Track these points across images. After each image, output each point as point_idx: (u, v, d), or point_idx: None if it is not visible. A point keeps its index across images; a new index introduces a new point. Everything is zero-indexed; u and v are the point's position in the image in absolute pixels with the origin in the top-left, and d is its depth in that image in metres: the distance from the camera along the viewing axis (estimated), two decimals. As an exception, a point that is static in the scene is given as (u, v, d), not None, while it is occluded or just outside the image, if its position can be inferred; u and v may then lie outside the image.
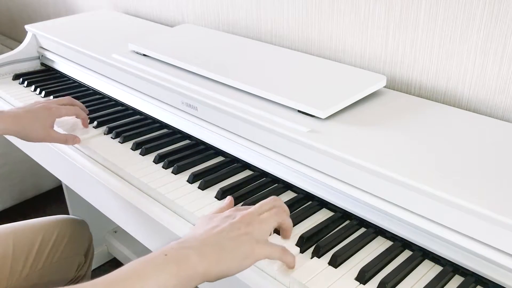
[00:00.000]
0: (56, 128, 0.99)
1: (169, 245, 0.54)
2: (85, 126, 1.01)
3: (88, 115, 1.03)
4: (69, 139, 0.95)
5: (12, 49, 1.40)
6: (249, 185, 0.81)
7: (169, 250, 0.53)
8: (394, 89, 0.93)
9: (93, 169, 0.90)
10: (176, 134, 0.97)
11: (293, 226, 0.71)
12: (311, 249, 0.66)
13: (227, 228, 0.57)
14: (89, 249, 1.13)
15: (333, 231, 0.70)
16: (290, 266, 0.62)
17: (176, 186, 0.81)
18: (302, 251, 0.67)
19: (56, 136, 0.93)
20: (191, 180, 0.82)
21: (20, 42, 1.39)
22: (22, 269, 0.96)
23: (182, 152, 0.90)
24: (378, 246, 0.68)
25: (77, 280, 1.10)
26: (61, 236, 1.03)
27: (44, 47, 1.33)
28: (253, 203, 0.74)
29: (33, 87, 1.22)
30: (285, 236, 0.67)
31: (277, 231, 0.68)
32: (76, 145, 0.97)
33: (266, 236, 0.59)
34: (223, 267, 0.54)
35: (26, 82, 1.25)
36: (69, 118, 1.01)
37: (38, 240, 1.00)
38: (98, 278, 0.50)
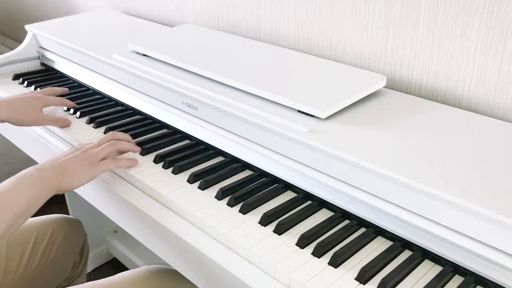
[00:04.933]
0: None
1: (29, 169, 0.75)
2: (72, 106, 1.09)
3: (77, 108, 1.09)
4: (60, 120, 1.02)
5: (12, 49, 1.40)
6: (249, 185, 0.81)
7: (32, 172, 0.75)
8: (394, 89, 0.93)
9: (93, 169, 0.90)
10: (176, 134, 0.97)
11: (293, 226, 0.71)
12: (311, 249, 0.66)
13: (70, 157, 0.80)
14: (84, 247, 1.13)
15: (333, 231, 0.70)
16: (130, 166, 0.86)
17: (176, 186, 0.81)
18: (301, 251, 0.66)
19: (46, 118, 1.01)
20: (191, 180, 0.82)
21: (20, 42, 1.39)
22: (17, 268, 0.96)
23: (182, 152, 0.90)
24: (378, 246, 0.68)
25: (73, 279, 1.10)
26: (55, 235, 1.03)
27: (44, 47, 1.33)
28: (254, 202, 0.75)
29: (33, 87, 1.22)
30: (133, 151, 0.90)
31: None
32: (76, 146, 0.97)
33: (100, 158, 0.82)
34: (68, 181, 0.77)
35: (26, 82, 1.25)
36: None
37: (31, 239, 1.00)
38: None
